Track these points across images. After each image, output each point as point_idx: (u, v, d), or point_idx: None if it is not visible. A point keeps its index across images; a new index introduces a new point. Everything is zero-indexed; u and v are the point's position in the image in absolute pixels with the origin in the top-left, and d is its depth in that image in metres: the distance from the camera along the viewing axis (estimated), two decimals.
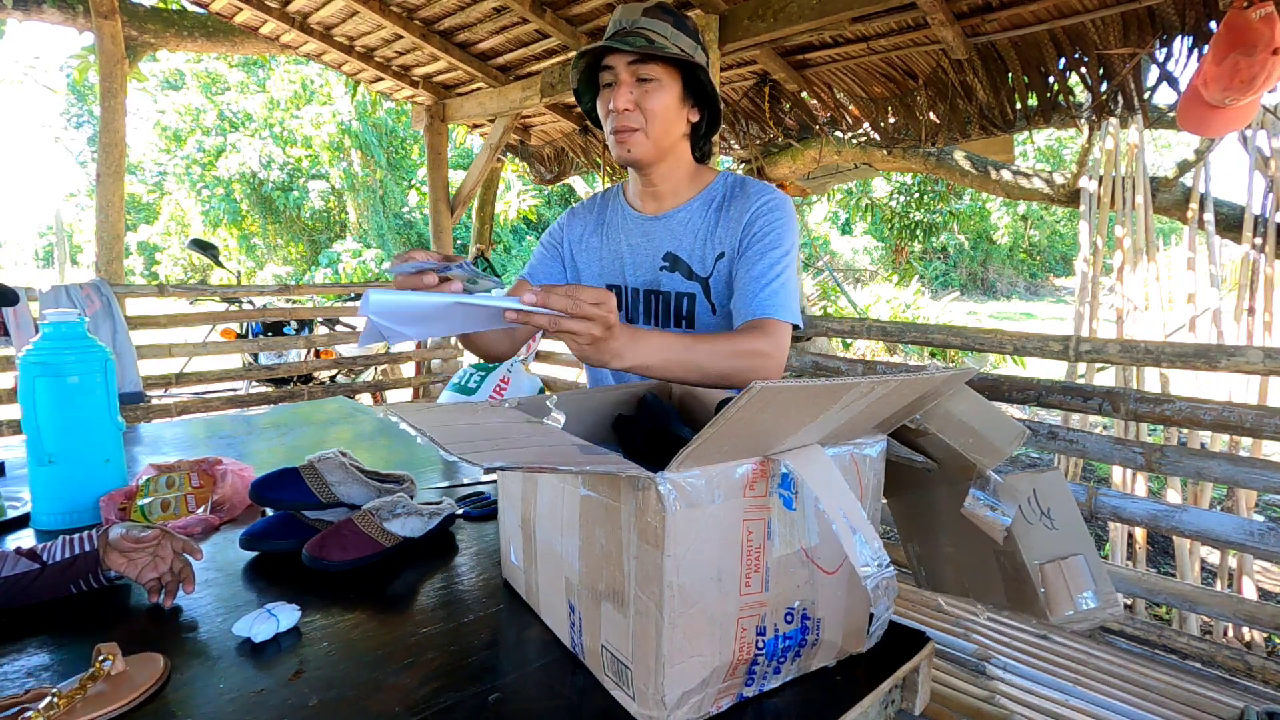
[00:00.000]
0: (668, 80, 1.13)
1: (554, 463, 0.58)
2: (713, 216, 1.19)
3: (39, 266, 24.72)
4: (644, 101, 1.12)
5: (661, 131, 1.14)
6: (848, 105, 3.47)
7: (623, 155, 1.16)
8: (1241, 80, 2.01)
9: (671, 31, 1.12)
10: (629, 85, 1.11)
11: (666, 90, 1.13)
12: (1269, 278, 3.01)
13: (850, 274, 18.19)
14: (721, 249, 1.18)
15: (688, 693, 0.65)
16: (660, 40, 1.09)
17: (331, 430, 1.88)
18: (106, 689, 0.66)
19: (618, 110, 1.12)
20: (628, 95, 1.11)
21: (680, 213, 1.22)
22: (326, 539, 0.98)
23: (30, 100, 56.17)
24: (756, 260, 1.13)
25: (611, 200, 1.32)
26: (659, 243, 1.23)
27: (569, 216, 1.36)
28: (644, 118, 1.13)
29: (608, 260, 1.28)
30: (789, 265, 1.13)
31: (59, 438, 1.13)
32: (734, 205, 1.18)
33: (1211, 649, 1.82)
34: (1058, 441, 1.89)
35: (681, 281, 1.21)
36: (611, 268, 1.28)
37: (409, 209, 17.00)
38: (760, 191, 1.18)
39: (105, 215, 3.56)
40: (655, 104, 1.12)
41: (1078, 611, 0.71)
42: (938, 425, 0.78)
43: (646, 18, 1.12)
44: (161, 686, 0.70)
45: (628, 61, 1.11)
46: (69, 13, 3.83)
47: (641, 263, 1.25)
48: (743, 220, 1.16)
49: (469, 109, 4.45)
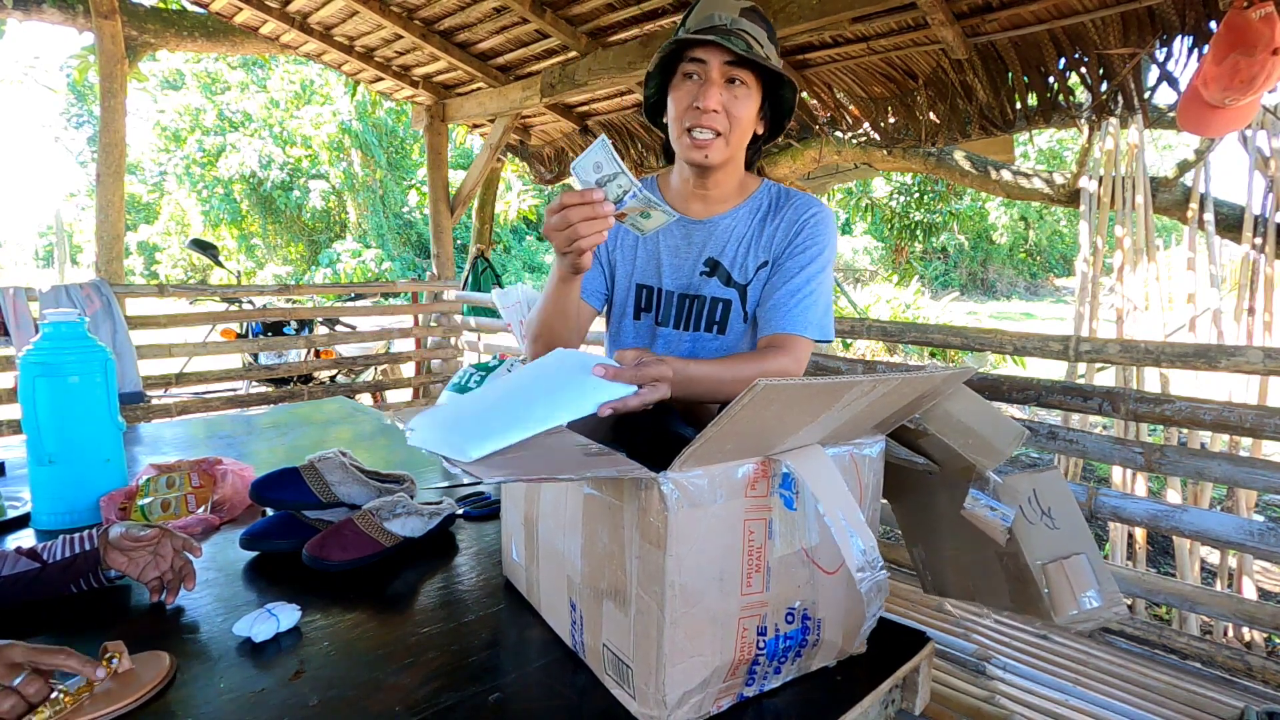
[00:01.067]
0: (755, 89, 1.09)
1: (556, 472, 0.58)
2: (757, 225, 1.17)
3: (39, 266, 24.70)
4: (732, 106, 1.07)
5: (739, 140, 1.11)
6: (848, 105, 3.47)
7: (697, 158, 1.10)
8: (1241, 80, 2.01)
9: (765, 40, 1.08)
10: (720, 85, 1.06)
11: (752, 99, 1.09)
12: (1269, 278, 3.01)
13: (850, 274, 18.20)
14: (765, 258, 1.16)
15: (688, 692, 0.65)
16: (757, 48, 1.06)
17: (331, 430, 1.88)
18: (114, 687, 0.67)
19: (705, 108, 1.06)
20: (718, 96, 1.06)
21: (726, 219, 1.18)
22: (326, 539, 0.98)
23: (30, 100, 56.17)
24: (795, 273, 1.12)
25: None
26: (701, 247, 1.19)
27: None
28: (729, 123, 1.08)
29: (643, 260, 1.23)
30: (825, 280, 1.13)
31: (59, 438, 1.13)
32: (779, 215, 1.16)
33: (1211, 649, 1.82)
34: (1058, 441, 1.89)
35: (719, 288, 1.18)
36: (646, 268, 1.23)
37: (409, 209, 16.99)
38: (806, 204, 1.17)
39: (105, 215, 3.56)
40: (742, 111, 1.08)
41: (1082, 611, 0.71)
42: (937, 426, 0.78)
43: (745, 19, 1.07)
44: (168, 684, 0.70)
45: (724, 60, 1.05)
46: (69, 13, 3.83)
47: (681, 265, 1.20)
48: (789, 231, 1.15)
49: (469, 109, 4.45)
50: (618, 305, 1.25)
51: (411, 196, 16.52)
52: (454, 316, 4.79)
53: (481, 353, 4.66)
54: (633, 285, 1.22)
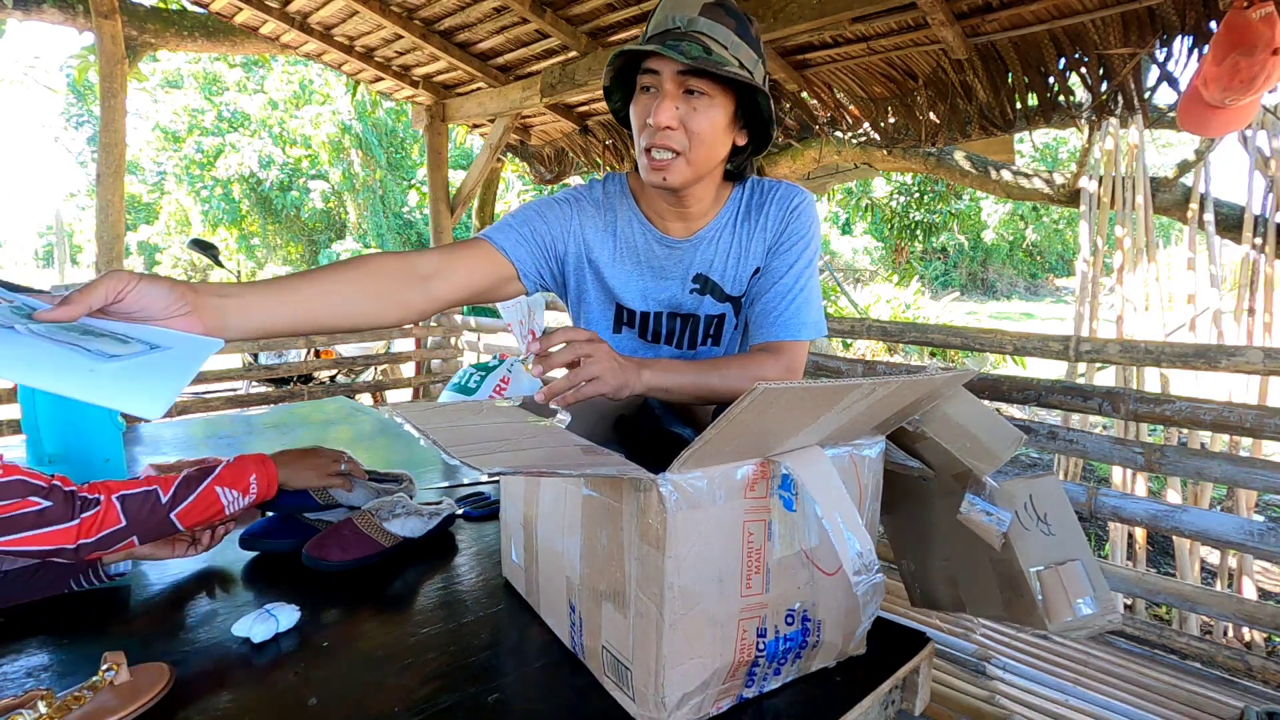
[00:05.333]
0: (720, 97, 0.95)
1: (556, 467, 0.58)
2: (741, 230, 1.09)
3: (39, 266, 24.71)
4: (690, 120, 0.95)
5: (704, 157, 0.98)
6: (848, 105, 3.47)
7: (656, 181, 0.99)
8: (1241, 80, 2.01)
9: (733, 40, 0.94)
10: (673, 98, 0.94)
11: (717, 108, 0.96)
12: (1269, 278, 3.01)
13: (850, 274, 18.20)
14: (756, 263, 1.08)
15: (688, 694, 0.65)
16: (719, 50, 0.92)
17: (331, 430, 1.88)
18: (110, 699, 0.66)
19: (657, 126, 0.94)
20: (671, 110, 0.94)
21: (708, 231, 1.09)
22: (326, 539, 0.98)
23: (30, 100, 56.20)
24: (783, 273, 1.05)
25: (621, 212, 1.11)
26: (688, 265, 1.10)
27: (579, 219, 1.10)
28: (687, 139, 0.95)
29: (620, 280, 1.11)
30: (813, 274, 1.07)
31: (59, 438, 1.13)
32: (759, 212, 1.08)
33: (1211, 649, 1.82)
34: (1057, 442, 1.89)
35: (712, 304, 1.10)
36: (626, 290, 1.11)
37: (409, 209, 17.00)
38: (787, 195, 1.08)
39: (105, 215, 3.56)
40: (702, 124, 0.95)
41: (1076, 618, 0.71)
42: (935, 429, 0.78)
43: (705, 18, 0.94)
44: (166, 696, 0.70)
45: (676, 70, 0.93)
46: (69, 13, 3.83)
47: (669, 286, 1.11)
48: (775, 230, 1.07)
49: (469, 109, 4.45)
50: (593, 319, 1.15)
51: (411, 196, 16.52)
52: (454, 316, 4.79)
53: (481, 353, 4.66)
54: (610, 303, 1.13)
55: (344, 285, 0.86)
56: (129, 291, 0.68)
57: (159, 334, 0.70)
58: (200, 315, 0.73)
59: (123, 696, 0.67)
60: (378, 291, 0.90)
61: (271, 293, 0.80)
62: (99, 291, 0.66)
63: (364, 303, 0.88)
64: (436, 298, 0.95)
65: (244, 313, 0.77)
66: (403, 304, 0.92)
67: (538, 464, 0.59)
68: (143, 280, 0.69)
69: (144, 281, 0.69)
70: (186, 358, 0.68)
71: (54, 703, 0.64)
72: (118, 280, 0.67)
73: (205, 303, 0.74)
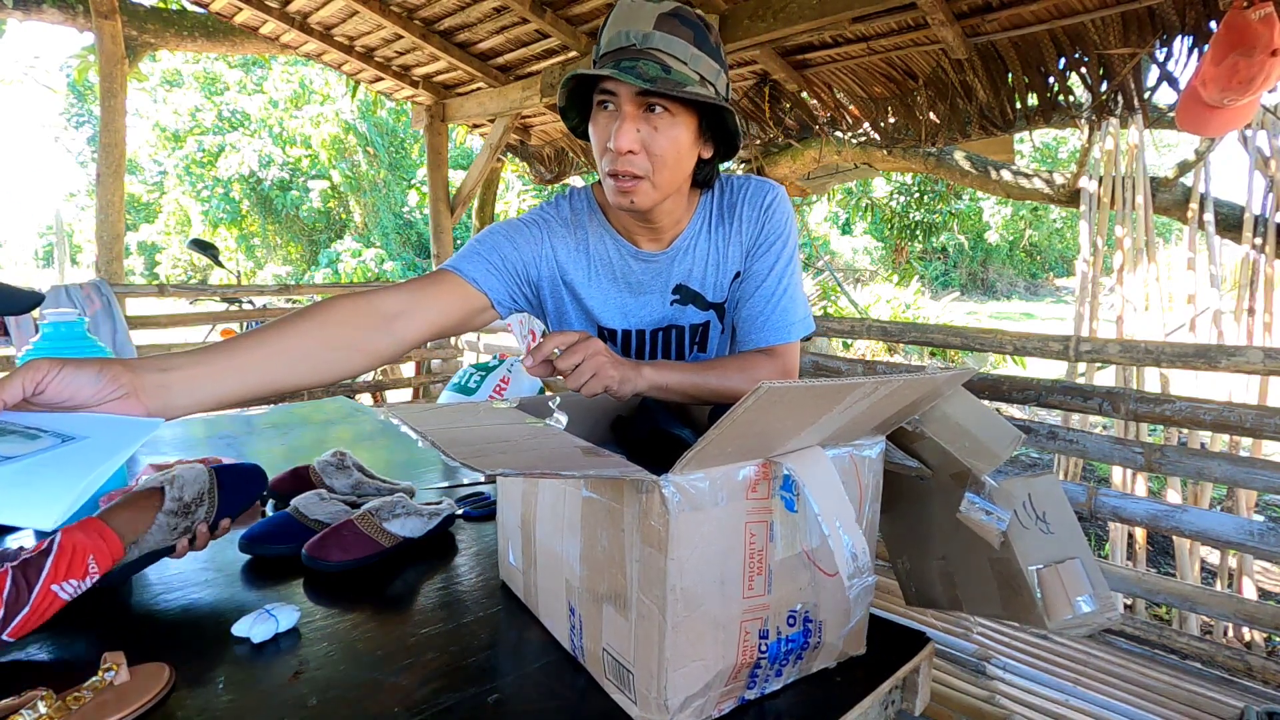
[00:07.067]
0: (682, 114, 0.91)
1: (557, 468, 0.58)
2: (717, 234, 1.06)
3: (39, 266, 24.69)
4: (652, 143, 0.90)
5: (670, 178, 0.94)
6: (848, 105, 3.47)
7: (623, 205, 0.95)
8: (1240, 80, 2.01)
9: (692, 53, 0.89)
10: (634, 120, 0.89)
11: (680, 126, 0.91)
12: (1269, 278, 3.01)
13: (850, 274, 18.19)
14: (736, 268, 1.06)
15: (690, 696, 0.65)
16: (678, 68, 0.88)
17: (331, 430, 1.88)
18: (110, 699, 0.66)
19: (618, 151, 0.90)
20: (632, 134, 0.89)
21: (683, 241, 1.06)
22: (326, 539, 0.98)
23: (30, 100, 56.14)
24: (764, 275, 1.03)
25: (592, 229, 1.07)
26: (667, 278, 1.07)
27: (550, 241, 1.05)
28: (649, 163, 0.91)
29: (598, 301, 1.08)
30: (794, 270, 1.06)
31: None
32: (732, 214, 1.06)
33: (1211, 649, 1.82)
34: (1057, 441, 1.89)
35: (695, 314, 1.09)
36: (605, 310, 1.08)
37: (409, 209, 17.00)
38: (758, 192, 1.06)
39: (105, 215, 3.57)
40: (664, 145, 0.91)
41: (1075, 615, 0.71)
42: (934, 428, 0.78)
43: (661, 31, 0.88)
44: (166, 696, 0.69)
45: (635, 91, 0.88)
46: (69, 13, 3.83)
47: (648, 301, 1.08)
48: (751, 233, 1.05)
49: (469, 109, 4.45)
50: None
51: (411, 196, 16.52)
52: None
53: (481, 353, 4.65)
54: (591, 325, 1.10)
55: (300, 340, 0.81)
56: (49, 382, 0.64)
57: (85, 422, 0.65)
58: (139, 396, 0.69)
59: (123, 696, 0.67)
60: (339, 341, 0.85)
61: (221, 358, 0.75)
62: (13, 387, 0.63)
63: (324, 355, 0.83)
64: (404, 339, 0.91)
65: (190, 386, 0.72)
66: (368, 351, 0.87)
67: (538, 465, 0.59)
68: (66, 367, 0.65)
69: (68, 369, 0.65)
70: (110, 447, 0.62)
71: (54, 703, 0.63)
72: (36, 371, 0.64)
73: (145, 381, 0.70)
